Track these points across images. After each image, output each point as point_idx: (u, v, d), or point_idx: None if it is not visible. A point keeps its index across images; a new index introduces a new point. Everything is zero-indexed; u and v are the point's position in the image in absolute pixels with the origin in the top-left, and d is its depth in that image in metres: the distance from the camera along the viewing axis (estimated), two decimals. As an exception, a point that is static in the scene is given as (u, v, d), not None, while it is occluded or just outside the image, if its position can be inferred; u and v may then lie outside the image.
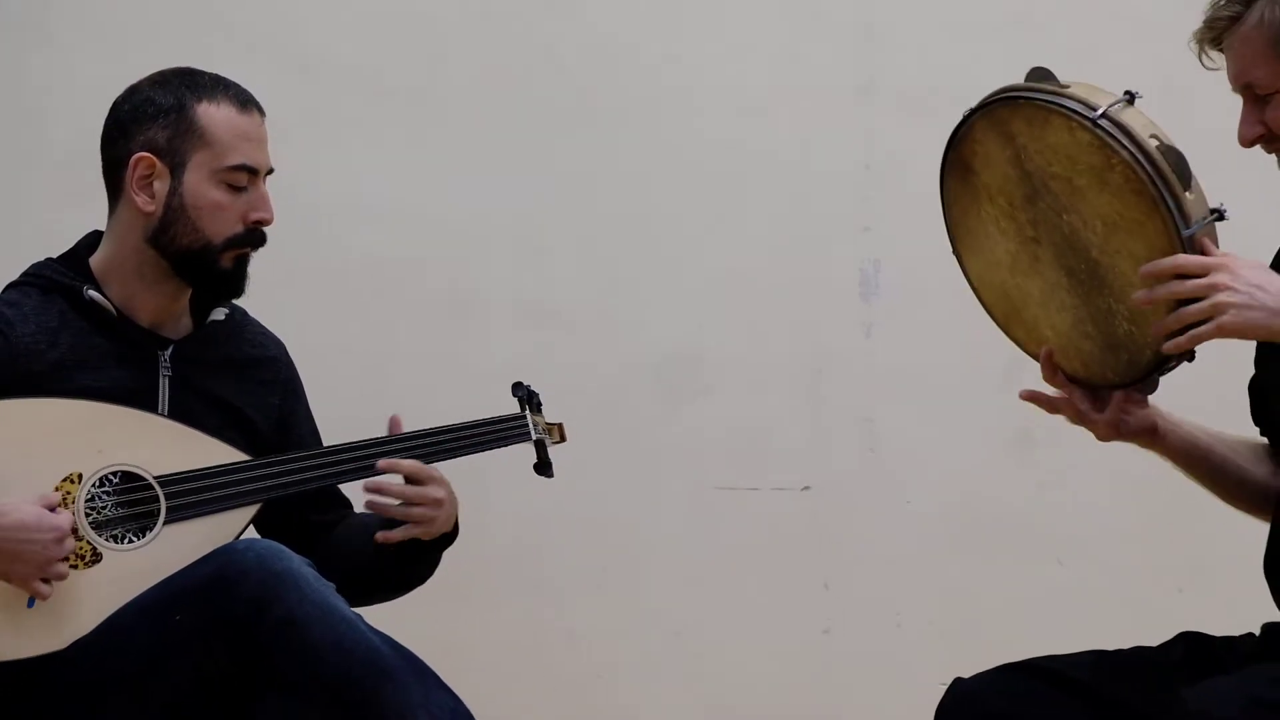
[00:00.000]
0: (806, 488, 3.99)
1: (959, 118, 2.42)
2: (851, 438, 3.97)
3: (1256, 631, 2.47)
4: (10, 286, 2.75)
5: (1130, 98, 2.28)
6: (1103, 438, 2.48)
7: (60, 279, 2.73)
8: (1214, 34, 2.41)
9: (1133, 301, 2.28)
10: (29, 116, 3.94)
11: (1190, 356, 2.32)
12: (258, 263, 2.80)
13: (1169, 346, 2.27)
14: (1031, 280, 2.43)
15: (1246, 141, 2.39)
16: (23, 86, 3.96)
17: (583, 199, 4.01)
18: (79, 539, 2.57)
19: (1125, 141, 2.24)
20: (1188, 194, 2.24)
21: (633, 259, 4.01)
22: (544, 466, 2.91)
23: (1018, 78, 3.86)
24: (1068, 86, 2.31)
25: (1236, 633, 2.50)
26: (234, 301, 2.83)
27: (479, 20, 4.01)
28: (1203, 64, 2.46)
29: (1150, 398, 2.47)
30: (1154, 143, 2.24)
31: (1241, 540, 2.59)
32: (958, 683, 2.48)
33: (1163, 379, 2.39)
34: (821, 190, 3.98)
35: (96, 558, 2.57)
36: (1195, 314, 2.23)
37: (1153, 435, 2.50)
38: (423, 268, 3.98)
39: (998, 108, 2.36)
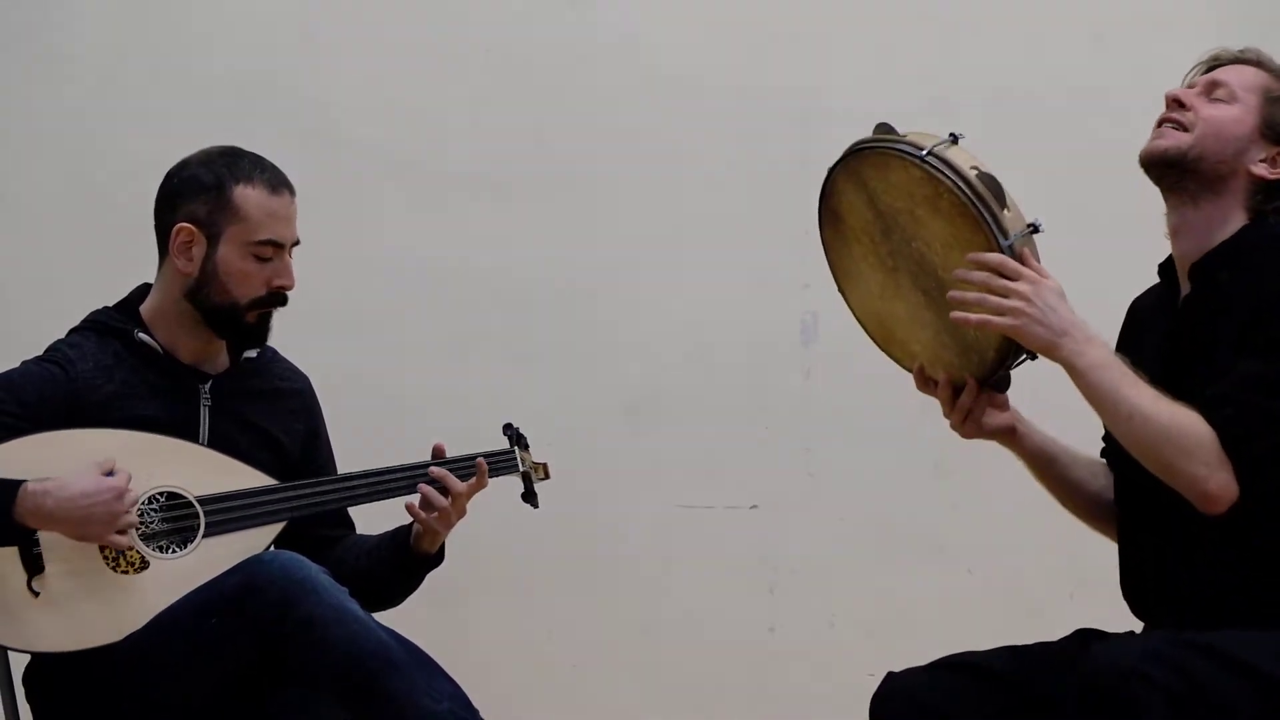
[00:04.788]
0: (754, 506, 3.98)
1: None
2: (793, 464, 3.95)
3: (1137, 630, 2.47)
4: (73, 331, 2.75)
5: (954, 138, 2.31)
6: (967, 435, 2.46)
7: (114, 324, 2.72)
8: (1238, 58, 2.45)
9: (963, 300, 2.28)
10: (89, 187, 3.93)
11: (1033, 355, 2.33)
12: (288, 310, 2.79)
13: (955, 316, 2.28)
14: (898, 304, 2.42)
15: (1171, 96, 2.41)
16: (84, 160, 3.95)
17: (565, 258, 4.00)
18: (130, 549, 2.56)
19: (948, 172, 2.25)
20: (1005, 212, 2.25)
21: (607, 309, 4.00)
22: (530, 496, 2.90)
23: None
24: (905, 134, 2.34)
25: (1121, 629, 2.48)
26: (264, 342, 2.83)
27: (476, 105, 4.01)
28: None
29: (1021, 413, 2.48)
30: (973, 172, 2.25)
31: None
32: (890, 676, 2.47)
33: (1044, 413, 2.43)
34: (768, 252, 3.98)
35: (144, 565, 2.57)
36: (994, 306, 2.24)
37: (1011, 435, 2.49)
38: (426, 315, 3.97)
39: (851, 160, 2.38)
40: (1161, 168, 2.40)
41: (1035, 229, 2.28)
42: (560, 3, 4.04)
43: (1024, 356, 2.34)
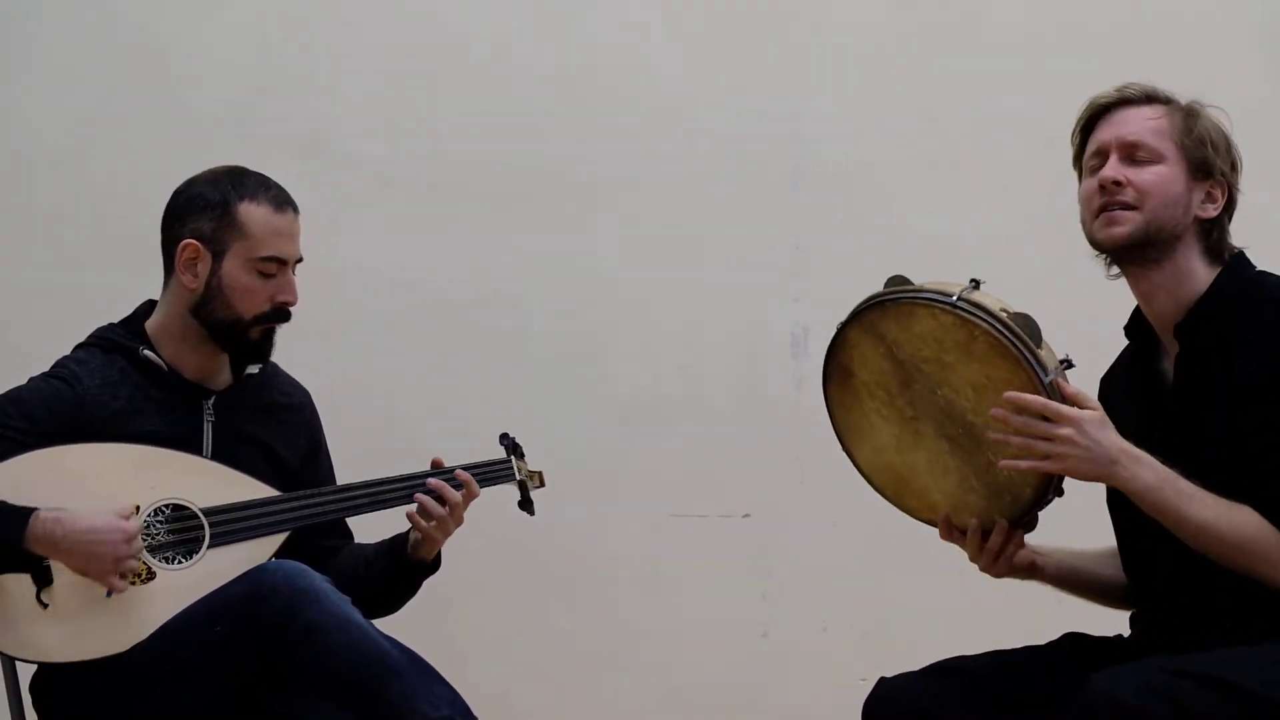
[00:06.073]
0: (747, 515, 3.99)
1: (875, 206, 2.42)
2: (785, 472, 3.96)
3: (1125, 633, 2.50)
4: (79, 347, 2.76)
5: (976, 284, 2.29)
6: (996, 575, 2.48)
7: (120, 340, 2.73)
8: (1122, 98, 2.43)
9: (1006, 447, 2.27)
10: (95, 201, 3.94)
11: (1060, 491, 2.34)
12: (289, 324, 2.80)
13: (1006, 464, 2.28)
14: (917, 454, 2.41)
15: (1108, 180, 2.39)
16: (91, 175, 3.96)
17: (560, 270, 4.01)
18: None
19: (983, 315, 2.24)
20: (1041, 350, 2.25)
21: (601, 320, 4.01)
22: (526, 504, 2.91)
23: (926, 168, 3.96)
24: (922, 285, 2.31)
25: (1108, 633, 2.52)
26: (265, 358, 2.83)
27: (470, 119, 4.02)
28: (1076, 141, 2.49)
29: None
30: (1004, 314, 2.25)
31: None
32: (882, 681, 2.47)
33: (1041, 514, 2.40)
34: (759, 265, 3.99)
35: (151, 576, 2.58)
36: (1041, 451, 2.24)
37: (1032, 569, 2.50)
38: (422, 326, 3.98)
39: (867, 313, 2.35)
40: (1123, 251, 2.40)
41: (1069, 364, 2.28)
42: (555, 18, 4.05)
43: (1053, 496, 2.35)
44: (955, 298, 2.26)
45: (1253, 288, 2.39)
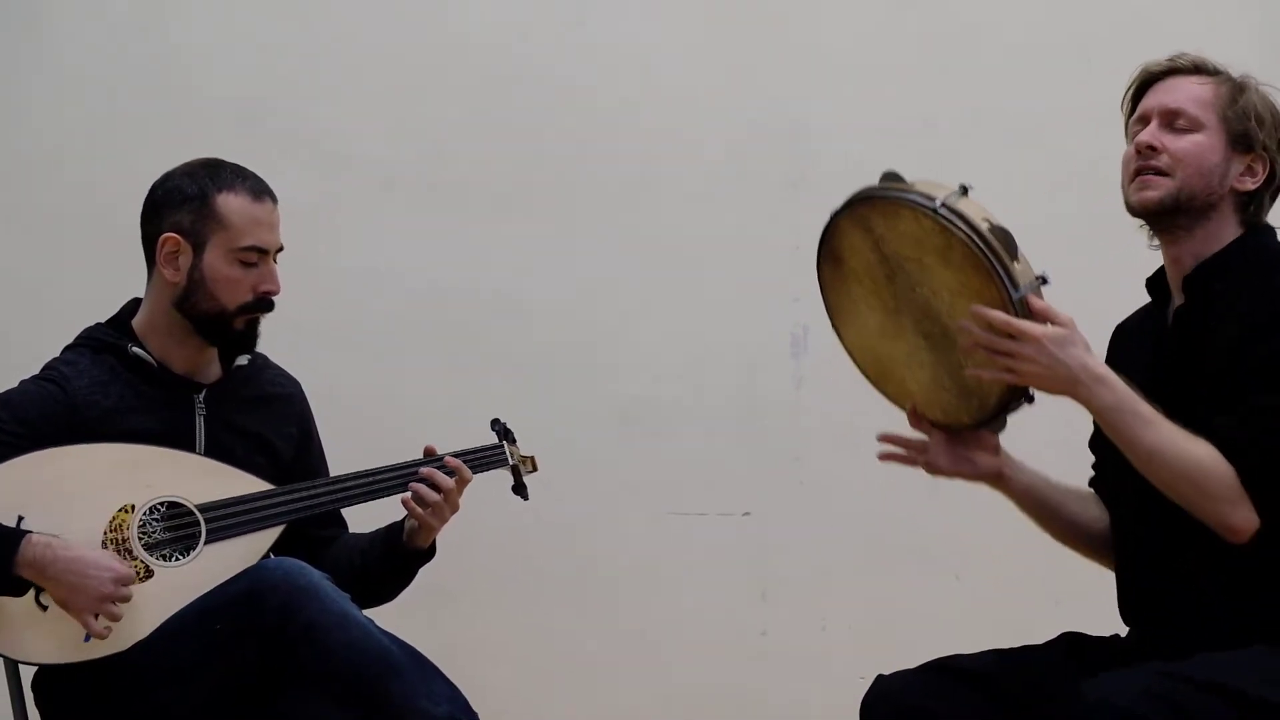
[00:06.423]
0: (747, 514, 3.99)
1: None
2: (784, 472, 3.97)
3: (1121, 633, 2.49)
4: (67, 348, 2.76)
5: (964, 190, 2.28)
6: (956, 474, 2.48)
7: (108, 339, 2.73)
8: (1172, 67, 2.45)
9: (976, 353, 2.28)
10: (98, 204, 3.93)
11: (1030, 398, 2.34)
12: (288, 321, 2.80)
13: (970, 371, 2.30)
14: (897, 344, 2.41)
15: (1143, 144, 2.40)
16: (93, 178, 3.95)
17: (561, 270, 4.01)
18: (134, 559, 2.56)
19: (961, 224, 2.24)
20: (1015, 264, 2.24)
21: (602, 320, 4.01)
22: (520, 488, 2.90)
23: (926, 170, 3.94)
24: (913, 184, 2.31)
25: (1105, 633, 2.51)
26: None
27: (473, 121, 4.02)
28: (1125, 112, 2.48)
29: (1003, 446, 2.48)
30: (985, 225, 2.24)
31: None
32: (880, 679, 2.47)
33: (1033, 447, 2.43)
34: (759, 266, 3.99)
35: (149, 574, 2.58)
36: (1000, 365, 2.26)
37: (999, 478, 2.49)
38: (425, 328, 3.98)
39: (858, 206, 2.35)
40: (1154, 216, 2.41)
41: (1044, 281, 2.27)
42: (558, 22, 4.05)
43: (1023, 402, 2.35)
44: (939, 203, 2.26)
45: (1270, 255, 2.40)
